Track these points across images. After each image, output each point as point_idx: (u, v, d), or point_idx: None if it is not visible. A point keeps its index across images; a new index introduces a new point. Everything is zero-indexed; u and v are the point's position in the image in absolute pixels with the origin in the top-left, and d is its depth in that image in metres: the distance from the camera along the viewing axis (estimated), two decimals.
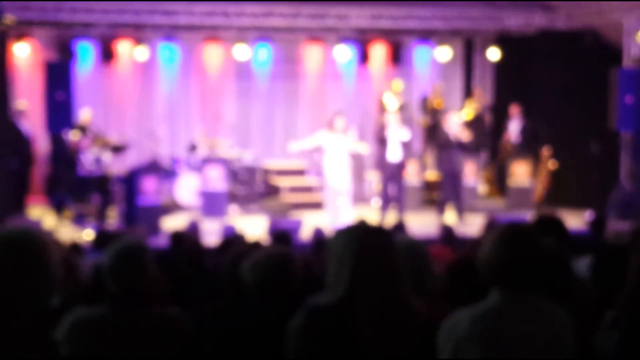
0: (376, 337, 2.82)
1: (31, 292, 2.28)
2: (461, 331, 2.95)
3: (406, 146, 13.24)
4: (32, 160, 14.91)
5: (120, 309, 3.55)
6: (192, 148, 15.43)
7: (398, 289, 2.92)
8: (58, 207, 12.87)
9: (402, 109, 16.27)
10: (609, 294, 4.41)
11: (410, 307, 2.94)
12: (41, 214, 12.76)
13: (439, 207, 13.76)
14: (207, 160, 14.55)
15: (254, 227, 12.24)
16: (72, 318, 3.49)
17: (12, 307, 2.24)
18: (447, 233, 8.82)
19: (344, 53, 17.07)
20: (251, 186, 15.03)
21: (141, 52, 16.21)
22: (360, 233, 2.99)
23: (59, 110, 12.39)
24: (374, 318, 2.82)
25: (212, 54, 17.15)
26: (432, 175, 16.06)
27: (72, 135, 14.04)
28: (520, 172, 14.73)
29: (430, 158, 16.88)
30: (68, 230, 12.06)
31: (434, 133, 15.86)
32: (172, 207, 14.51)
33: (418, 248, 3.72)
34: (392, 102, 16.21)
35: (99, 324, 3.50)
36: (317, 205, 14.48)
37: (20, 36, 15.58)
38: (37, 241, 2.33)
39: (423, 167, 15.93)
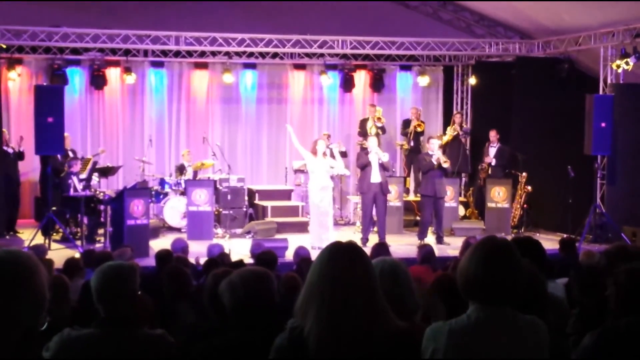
0: (355, 355, 2.79)
1: (18, 314, 2.22)
2: (439, 343, 2.97)
3: (387, 167, 13.47)
4: (19, 182, 15.12)
5: (107, 330, 3.55)
6: (180, 170, 15.64)
7: (375, 307, 2.86)
8: (47, 228, 12.90)
9: (383, 132, 16.60)
10: (584, 313, 4.63)
11: (389, 323, 2.89)
12: (30, 235, 12.79)
13: (420, 228, 14.01)
14: (194, 183, 14.73)
15: (239, 248, 12.49)
16: (60, 338, 3.49)
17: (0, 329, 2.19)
18: (427, 254, 8.91)
19: (328, 79, 17.40)
20: (237, 208, 15.25)
21: (130, 78, 16.46)
22: (334, 254, 2.92)
23: (49, 133, 12.52)
24: (353, 337, 2.79)
25: (200, 80, 17.46)
26: (413, 197, 16.34)
27: (62, 158, 14.25)
28: (498, 196, 14.95)
29: (411, 181, 17.18)
30: (57, 251, 12.17)
31: (415, 156, 16.15)
32: (160, 229, 14.67)
33: (399, 268, 3.69)
34: (373, 126, 16.50)
35: (87, 345, 3.49)
36: (301, 226, 14.76)
37: (12, 61, 15.79)
38: (23, 263, 2.27)
39: (404, 190, 16.16)
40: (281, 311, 4.22)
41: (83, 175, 14.09)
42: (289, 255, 11.09)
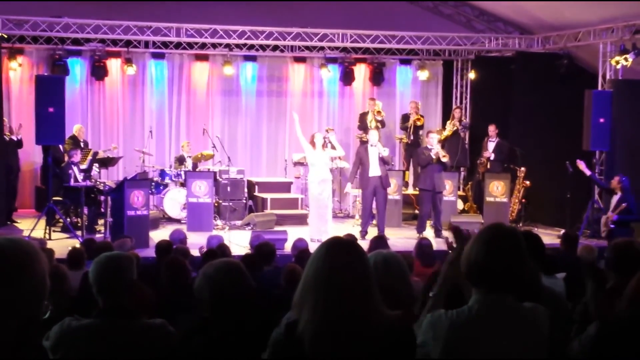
0: (350, 349, 2.79)
1: (18, 302, 2.19)
2: (439, 333, 2.97)
3: (387, 161, 13.48)
4: (18, 171, 15.20)
5: (107, 320, 3.56)
6: (180, 162, 15.69)
7: (370, 301, 2.86)
8: (48, 217, 12.97)
9: (383, 126, 16.64)
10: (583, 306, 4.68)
11: (383, 315, 2.88)
12: (31, 225, 12.83)
13: (419, 222, 14.04)
14: (194, 174, 14.77)
15: (239, 239, 12.56)
16: (60, 328, 3.51)
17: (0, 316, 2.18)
18: (425, 248, 8.92)
19: (328, 72, 17.45)
20: (237, 200, 15.30)
21: (131, 69, 16.50)
22: (331, 249, 2.91)
23: (50, 123, 12.55)
24: (348, 330, 2.79)
25: (200, 71, 17.50)
26: (412, 191, 16.40)
27: (64, 148, 14.32)
28: (497, 190, 15.00)
29: (410, 174, 17.23)
30: (57, 241, 12.24)
31: (414, 150, 16.19)
32: (160, 220, 14.71)
33: (393, 260, 3.70)
34: (373, 120, 16.55)
35: (87, 335, 3.51)
36: (301, 219, 14.83)
37: (13, 51, 15.83)
38: (24, 250, 2.25)
39: (403, 183, 16.21)
40: (283, 303, 4.26)
41: (83, 166, 14.15)
42: (288, 247, 11.14)
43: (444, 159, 13.59)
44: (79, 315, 3.65)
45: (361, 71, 18.21)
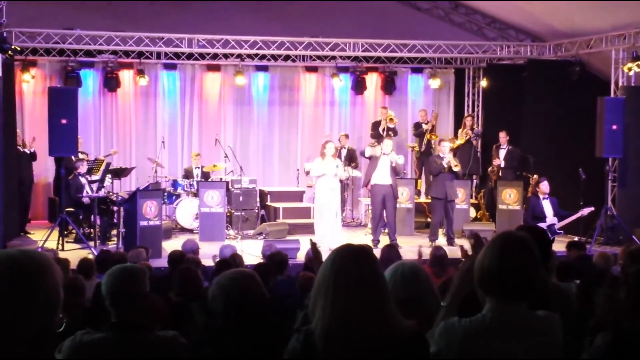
0: (361, 353, 2.79)
1: (31, 314, 2.18)
2: (452, 341, 2.94)
3: (398, 171, 13.48)
4: (31, 183, 15.27)
5: (119, 334, 3.54)
6: (189, 173, 15.70)
7: (381, 308, 2.85)
8: (60, 228, 12.99)
9: (395, 134, 16.64)
10: (594, 313, 4.64)
11: (396, 323, 2.87)
12: (44, 236, 12.86)
13: (431, 230, 14.02)
14: (206, 184, 14.78)
15: (251, 249, 12.56)
16: (72, 343, 3.47)
17: (12, 329, 2.15)
18: (438, 256, 8.90)
19: (340, 81, 17.47)
20: (249, 209, 15.32)
21: (143, 80, 16.58)
22: (338, 255, 2.92)
23: (62, 135, 12.60)
24: (357, 336, 2.79)
25: (212, 82, 17.56)
26: (424, 199, 16.37)
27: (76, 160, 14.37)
28: (509, 198, 14.95)
29: (422, 183, 17.21)
30: (71, 252, 12.26)
31: (425, 158, 16.18)
32: (172, 230, 14.74)
33: (420, 271, 3.67)
34: (385, 128, 16.55)
35: (99, 350, 3.48)
36: (313, 228, 14.79)
37: (26, 64, 15.92)
38: (36, 262, 2.23)
39: (416, 192, 16.18)
40: (296, 311, 4.22)
41: (96, 177, 14.20)
42: (301, 257, 11.14)
43: (456, 169, 13.55)
44: (91, 327, 3.64)
45: (373, 80, 18.23)
